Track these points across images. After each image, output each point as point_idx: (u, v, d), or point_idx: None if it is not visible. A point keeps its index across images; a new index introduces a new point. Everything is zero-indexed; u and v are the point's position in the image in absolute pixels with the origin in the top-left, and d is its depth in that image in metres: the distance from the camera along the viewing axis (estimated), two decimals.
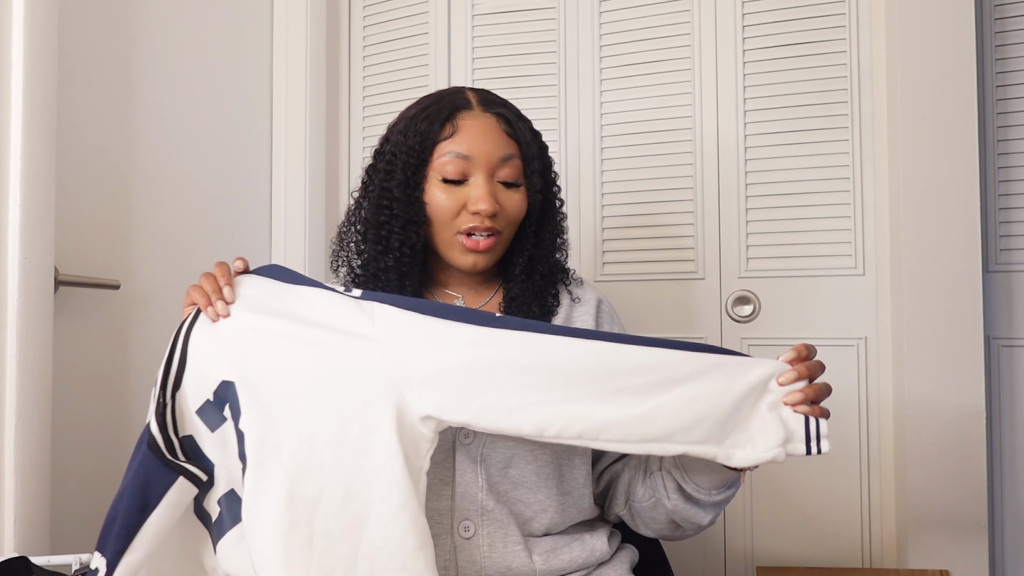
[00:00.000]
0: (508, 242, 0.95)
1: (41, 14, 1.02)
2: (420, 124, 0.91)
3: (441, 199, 0.90)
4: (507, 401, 0.74)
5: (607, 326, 1.00)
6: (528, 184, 0.94)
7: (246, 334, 0.79)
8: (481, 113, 0.92)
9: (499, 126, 0.92)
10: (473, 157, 0.90)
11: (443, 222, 0.91)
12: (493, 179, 0.91)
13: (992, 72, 1.46)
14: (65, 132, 1.12)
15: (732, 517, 1.51)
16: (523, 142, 0.93)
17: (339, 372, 0.76)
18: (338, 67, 1.79)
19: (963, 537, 1.33)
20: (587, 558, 0.90)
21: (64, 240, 1.12)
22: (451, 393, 0.75)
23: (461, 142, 0.90)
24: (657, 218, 1.56)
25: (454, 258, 0.93)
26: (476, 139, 0.90)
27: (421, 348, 0.77)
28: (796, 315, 1.49)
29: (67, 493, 1.13)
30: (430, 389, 0.76)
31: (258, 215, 1.66)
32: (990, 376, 1.45)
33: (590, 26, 1.61)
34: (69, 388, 1.14)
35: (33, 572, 0.83)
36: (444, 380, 0.76)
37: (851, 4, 1.46)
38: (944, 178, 1.36)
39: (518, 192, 0.93)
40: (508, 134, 0.92)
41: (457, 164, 0.89)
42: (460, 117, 0.91)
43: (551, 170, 0.99)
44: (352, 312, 0.79)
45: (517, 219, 0.94)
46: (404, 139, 0.92)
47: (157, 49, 1.36)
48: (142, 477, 0.75)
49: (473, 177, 0.90)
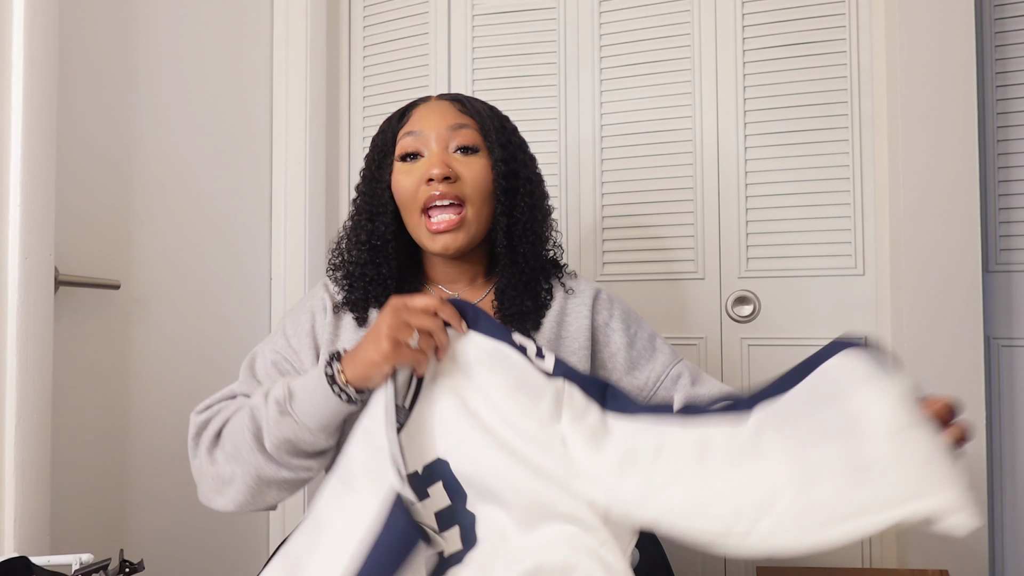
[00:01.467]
0: (480, 220, 0.94)
1: (41, 14, 1.02)
2: (384, 124, 0.98)
3: (401, 179, 0.93)
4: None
5: (605, 313, 0.99)
6: (489, 151, 0.94)
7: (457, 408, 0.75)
8: (435, 100, 0.98)
9: (452, 106, 0.96)
10: (423, 131, 0.93)
11: (407, 204, 0.93)
12: (447, 149, 0.93)
13: (992, 72, 1.46)
14: (65, 132, 1.12)
15: None
16: (477, 116, 0.95)
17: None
18: (338, 67, 1.79)
19: (963, 537, 1.33)
20: None
21: (64, 240, 1.12)
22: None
23: (414, 123, 0.95)
24: (657, 218, 1.56)
25: (426, 243, 0.94)
26: (427, 116, 0.95)
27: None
28: (796, 315, 1.49)
29: (67, 493, 1.13)
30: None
31: (258, 215, 1.66)
32: (990, 376, 1.44)
33: (590, 26, 1.61)
34: (69, 388, 1.14)
35: (33, 572, 0.83)
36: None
37: (851, 4, 1.46)
38: (944, 178, 1.36)
39: (478, 158, 0.93)
40: (460, 111, 0.96)
41: (411, 140, 0.94)
42: (415, 107, 0.97)
43: (520, 148, 0.99)
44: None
45: (482, 188, 0.93)
46: (373, 143, 0.98)
47: (157, 49, 1.36)
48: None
49: (427, 149, 0.93)
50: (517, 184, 0.96)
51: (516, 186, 0.96)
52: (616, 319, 1.00)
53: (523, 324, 0.94)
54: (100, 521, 1.21)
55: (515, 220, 0.95)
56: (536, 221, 0.97)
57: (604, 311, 1.00)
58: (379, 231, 0.94)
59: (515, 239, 0.95)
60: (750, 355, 1.51)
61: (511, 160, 0.96)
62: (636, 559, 0.99)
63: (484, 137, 0.94)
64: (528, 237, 0.96)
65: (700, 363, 1.53)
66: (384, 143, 0.96)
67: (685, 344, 1.53)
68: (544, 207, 1.00)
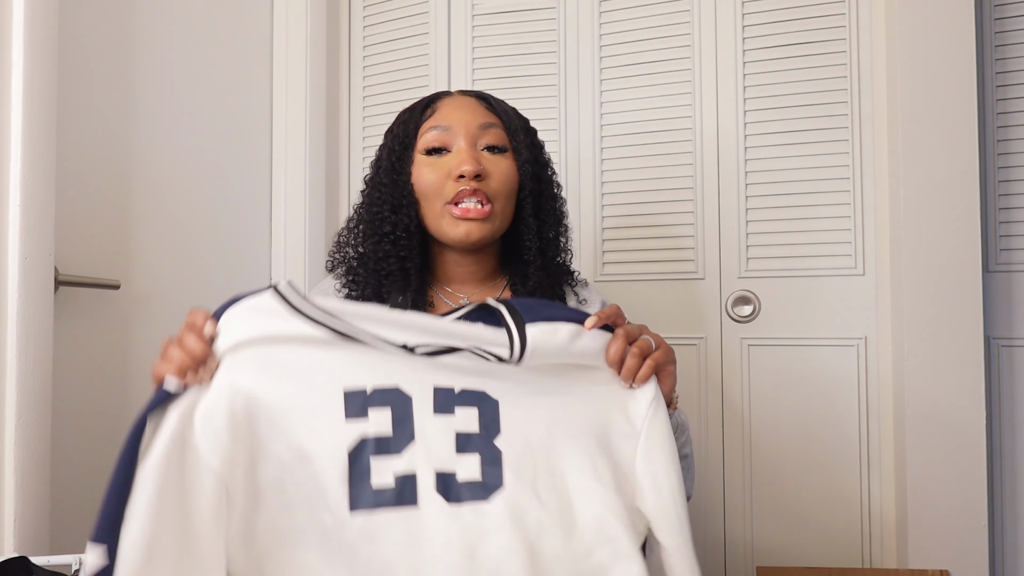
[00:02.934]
0: (504, 218, 0.94)
1: (41, 14, 1.02)
2: (404, 115, 0.97)
3: (425, 172, 0.92)
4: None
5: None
6: (515, 152, 0.94)
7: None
8: (459, 96, 0.97)
9: (478, 103, 0.96)
10: (452, 127, 0.93)
11: (430, 196, 0.92)
12: (476, 146, 0.93)
13: (992, 72, 1.46)
14: (65, 132, 1.12)
15: (732, 517, 1.51)
16: (504, 116, 0.95)
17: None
18: (338, 67, 1.79)
19: (963, 537, 1.33)
20: None
21: (64, 240, 1.12)
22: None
23: (440, 118, 0.94)
24: (657, 218, 1.56)
25: (445, 230, 0.92)
26: (455, 111, 0.94)
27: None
28: (796, 315, 1.49)
29: (67, 493, 1.13)
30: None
31: (258, 215, 1.66)
32: (990, 376, 1.44)
33: (590, 26, 1.61)
34: (69, 388, 1.14)
35: (33, 572, 0.83)
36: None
37: (851, 4, 1.46)
38: (944, 178, 1.36)
39: (504, 158, 0.93)
40: (487, 109, 0.95)
41: (438, 135, 0.93)
42: (439, 101, 0.96)
43: (541, 151, 0.99)
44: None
45: (508, 187, 0.93)
46: (391, 135, 0.97)
47: (157, 49, 1.36)
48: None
49: (455, 145, 0.92)
50: (541, 187, 0.97)
51: (541, 189, 0.97)
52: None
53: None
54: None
55: (543, 223, 0.95)
56: (560, 239, 0.99)
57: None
58: (402, 222, 0.92)
59: (544, 242, 0.95)
60: (750, 355, 1.51)
61: (536, 163, 0.96)
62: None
63: (511, 138, 0.94)
64: (555, 241, 0.97)
65: (700, 363, 1.53)
66: (406, 135, 0.95)
67: (685, 344, 1.53)
68: (565, 212, 1.01)
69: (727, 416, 1.52)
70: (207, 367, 0.67)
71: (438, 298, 0.98)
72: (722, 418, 1.52)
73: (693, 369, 1.53)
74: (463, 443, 0.70)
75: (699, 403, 1.53)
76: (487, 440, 0.71)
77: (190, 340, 0.67)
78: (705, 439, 1.52)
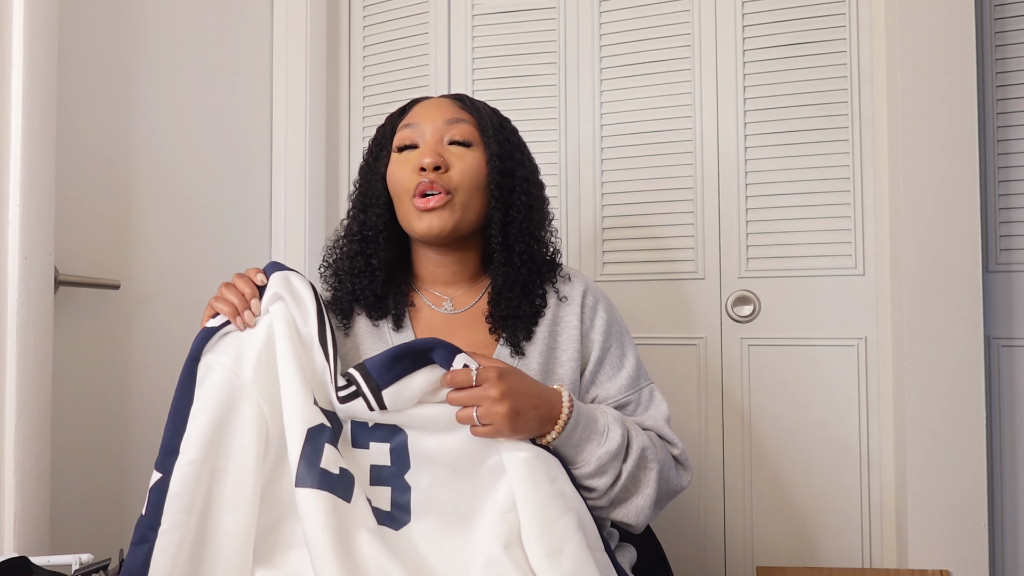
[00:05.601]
0: (469, 210, 0.93)
1: (41, 14, 1.02)
2: (386, 119, 1.01)
3: (395, 169, 0.95)
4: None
5: (588, 321, 0.97)
6: (485, 146, 0.94)
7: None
8: (436, 98, 1.00)
9: (451, 102, 0.98)
10: (420, 123, 0.95)
11: (400, 193, 0.94)
12: (441, 141, 0.94)
13: (992, 72, 1.46)
14: (65, 132, 1.12)
15: (732, 517, 1.51)
16: (477, 113, 0.97)
17: None
18: (338, 67, 1.79)
19: (963, 537, 1.33)
20: None
21: (64, 240, 1.12)
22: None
23: (411, 117, 0.97)
24: (657, 218, 1.56)
25: (413, 225, 0.93)
26: (425, 110, 0.97)
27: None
28: (796, 315, 1.49)
29: (67, 493, 1.13)
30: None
31: (258, 215, 1.66)
32: (990, 376, 1.44)
33: (590, 26, 1.61)
34: (69, 388, 1.14)
35: (33, 572, 0.83)
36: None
37: (851, 4, 1.46)
38: (944, 178, 1.36)
39: (471, 152, 0.94)
40: (459, 107, 0.97)
41: (408, 133, 0.96)
42: (417, 103, 0.99)
43: (518, 147, 0.98)
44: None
45: (471, 180, 0.93)
46: (372, 139, 1.01)
47: (157, 49, 1.36)
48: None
49: (422, 141, 0.95)
50: (514, 182, 0.95)
51: (512, 184, 0.95)
52: (597, 330, 0.98)
53: (515, 332, 0.93)
54: (100, 521, 1.21)
55: (511, 218, 0.94)
56: (533, 222, 0.96)
57: (587, 319, 0.98)
58: (371, 221, 0.96)
59: (511, 237, 0.94)
60: (750, 355, 1.51)
61: (507, 158, 0.95)
62: (634, 559, 0.99)
63: (481, 133, 0.95)
64: (524, 237, 0.95)
65: (700, 363, 1.53)
66: (383, 136, 0.99)
67: (685, 344, 1.53)
68: (543, 210, 0.99)
69: (727, 416, 1.52)
70: (252, 312, 0.83)
71: (420, 300, 0.99)
72: (722, 418, 1.52)
73: (693, 369, 1.53)
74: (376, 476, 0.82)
75: (699, 403, 1.53)
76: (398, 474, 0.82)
77: (241, 283, 0.85)
78: (705, 439, 1.52)
